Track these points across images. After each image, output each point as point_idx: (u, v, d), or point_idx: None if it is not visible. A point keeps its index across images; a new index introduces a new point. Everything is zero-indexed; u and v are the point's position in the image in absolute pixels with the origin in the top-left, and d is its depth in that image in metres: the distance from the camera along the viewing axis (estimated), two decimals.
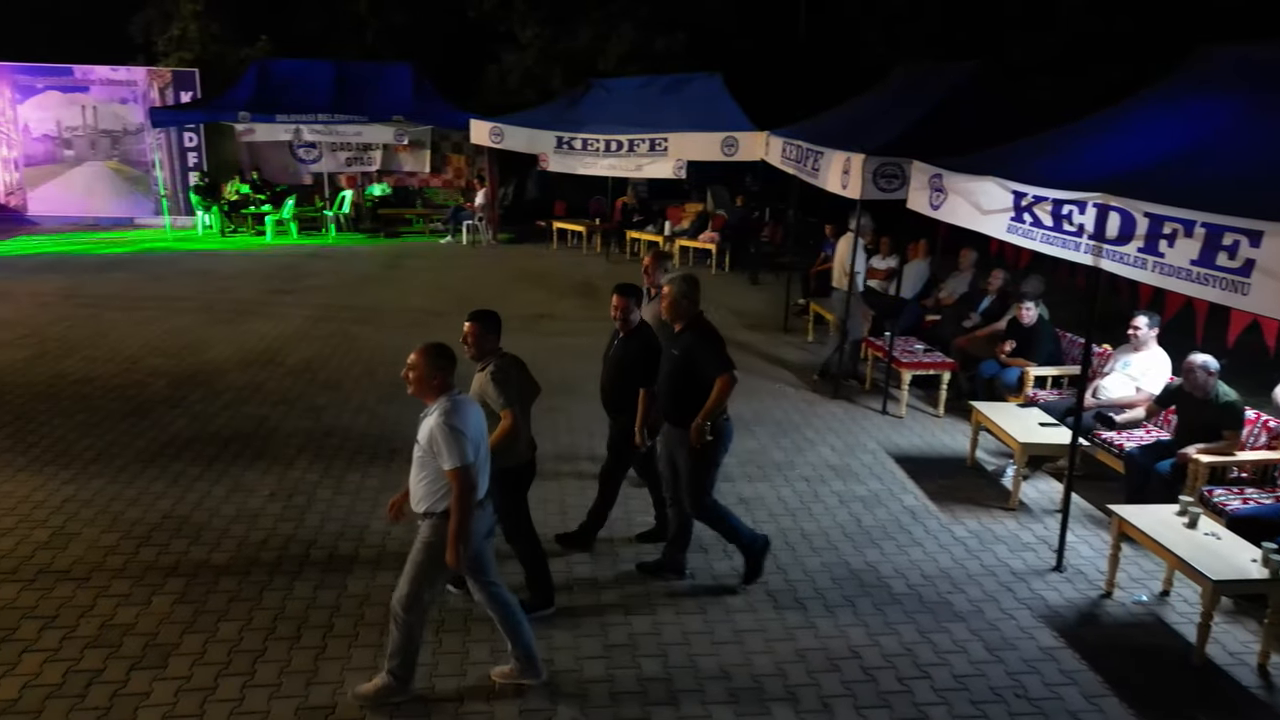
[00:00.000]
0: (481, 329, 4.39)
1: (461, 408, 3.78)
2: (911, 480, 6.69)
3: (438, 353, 3.79)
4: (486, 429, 4.02)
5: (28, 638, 4.38)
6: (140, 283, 12.25)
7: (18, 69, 16.39)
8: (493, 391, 4.32)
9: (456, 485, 3.68)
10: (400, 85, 16.70)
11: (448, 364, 3.79)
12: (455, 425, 3.67)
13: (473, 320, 4.39)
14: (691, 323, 4.99)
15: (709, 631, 4.68)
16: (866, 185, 7.70)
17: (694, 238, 15.10)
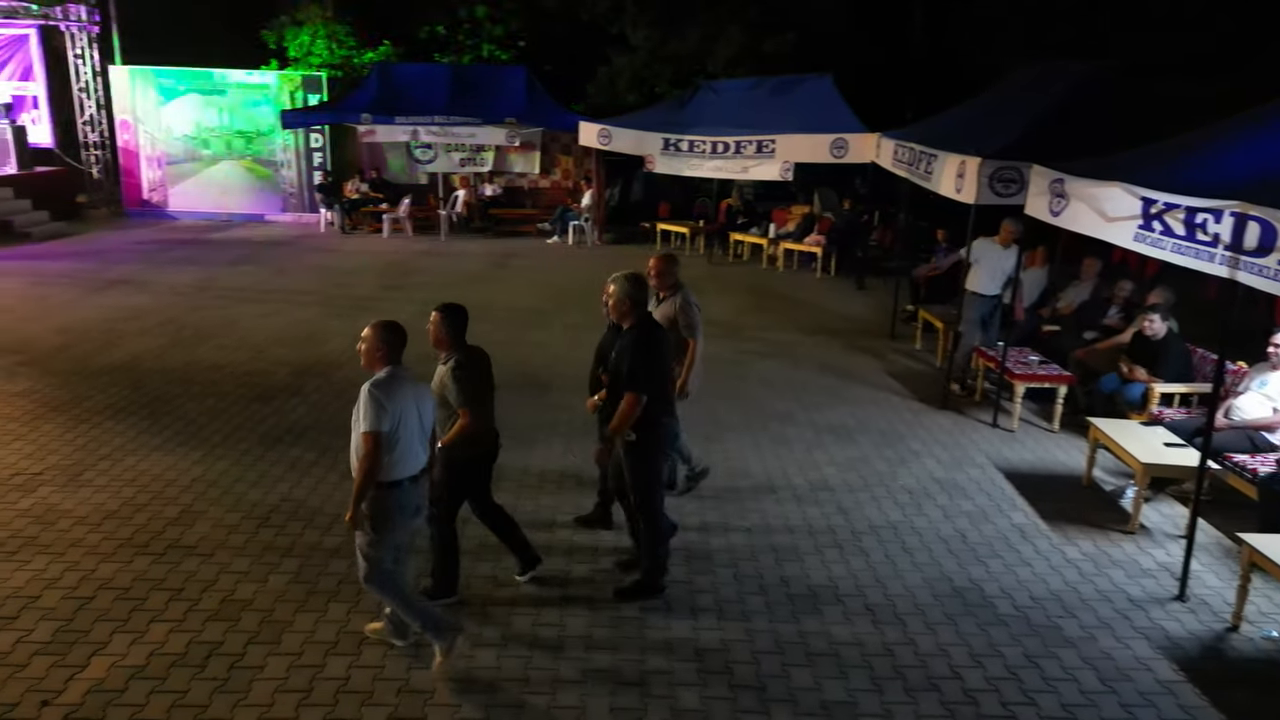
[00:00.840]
0: (444, 321, 4.48)
1: (394, 382, 3.98)
2: (1022, 497, 6.43)
3: (386, 329, 4.05)
4: (426, 414, 4.15)
5: (156, 608, 4.68)
6: (267, 276, 12.90)
7: (163, 73, 17.50)
8: (452, 388, 4.41)
9: (363, 448, 3.89)
10: (513, 88, 17.07)
11: (394, 340, 4.04)
12: (377, 394, 3.89)
13: (439, 312, 4.50)
14: (636, 323, 4.82)
15: (802, 642, 4.61)
16: (982, 189, 7.44)
17: (799, 241, 14.91)
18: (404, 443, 3.99)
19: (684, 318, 5.86)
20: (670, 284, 5.97)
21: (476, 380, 4.52)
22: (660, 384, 4.79)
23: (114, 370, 8.42)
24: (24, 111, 17.78)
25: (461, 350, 4.54)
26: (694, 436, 7.27)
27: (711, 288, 13.16)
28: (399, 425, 3.95)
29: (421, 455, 4.14)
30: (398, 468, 4.01)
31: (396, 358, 4.05)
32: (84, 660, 4.22)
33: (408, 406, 4.00)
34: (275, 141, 17.69)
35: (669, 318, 5.86)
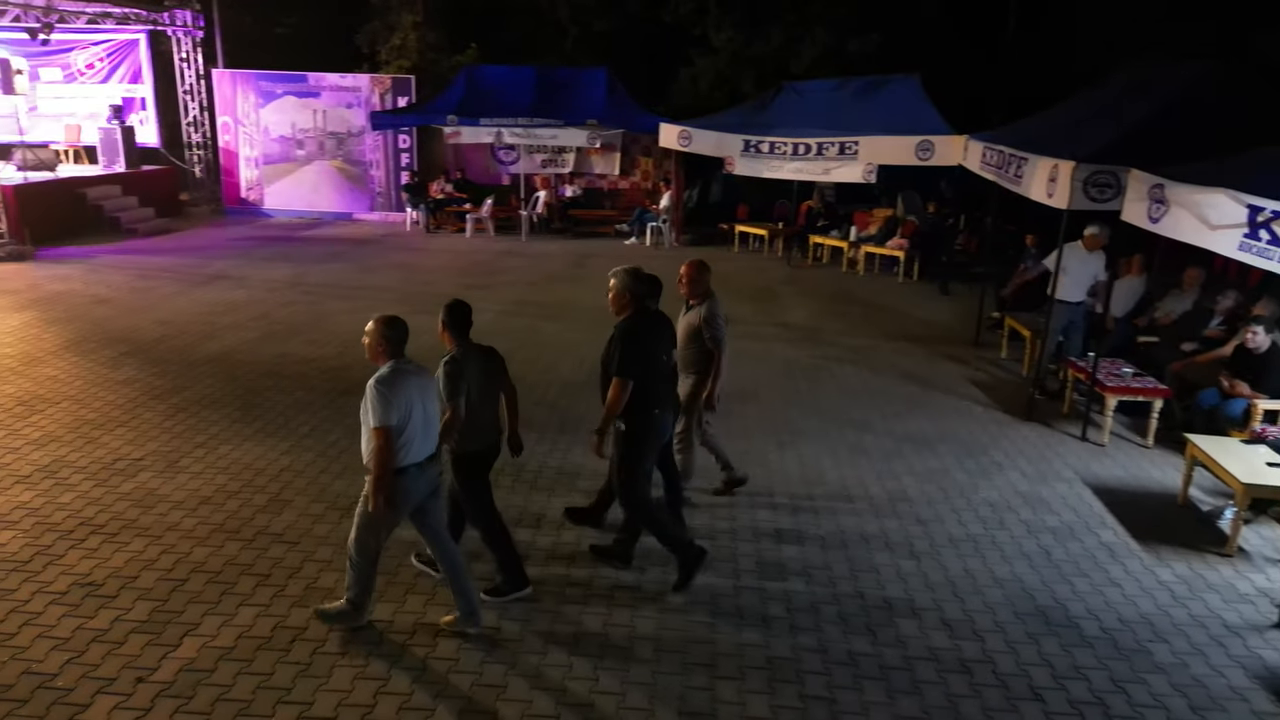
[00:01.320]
0: (445, 319, 4.66)
1: (399, 375, 4.17)
2: (1111, 514, 6.19)
3: (387, 323, 4.27)
4: (430, 404, 4.30)
5: (244, 592, 4.87)
6: (355, 273, 13.29)
7: (261, 76, 18.20)
8: (442, 382, 4.52)
9: (375, 442, 4.10)
10: (595, 89, 17.20)
11: (395, 334, 4.25)
12: (382, 389, 4.09)
13: (444, 310, 4.69)
14: (630, 314, 4.97)
15: (876, 655, 4.53)
16: (1075, 194, 7.17)
17: (881, 244, 14.65)
18: (409, 432, 4.18)
19: (708, 330, 5.73)
20: (701, 291, 5.83)
21: (474, 376, 4.61)
22: (651, 375, 4.89)
23: (210, 361, 8.80)
24: (133, 112, 18.69)
25: (461, 347, 4.64)
26: (767, 442, 7.26)
27: (789, 291, 13.06)
28: (405, 416, 4.14)
29: (428, 443, 4.30)
30: (403, 455, 4.20)
31: (398, 351, 4.26)
32: (177, 640, 4.42)
33: (412, 397, 4.18)
34: (365, 142, 18.21)
35: (694, 326, 5.78)
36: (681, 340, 5.76)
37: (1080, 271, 8.25)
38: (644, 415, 4.90)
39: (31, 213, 14.24)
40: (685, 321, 5.79)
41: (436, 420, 4.37)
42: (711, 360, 5.80)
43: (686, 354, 5.81)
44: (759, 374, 9.04)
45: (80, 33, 18.12)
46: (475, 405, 4.60)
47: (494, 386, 4.81)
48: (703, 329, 5.72)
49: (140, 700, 3.98)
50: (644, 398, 4.84)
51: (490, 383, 4.77)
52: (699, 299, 5.82)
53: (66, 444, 6.69)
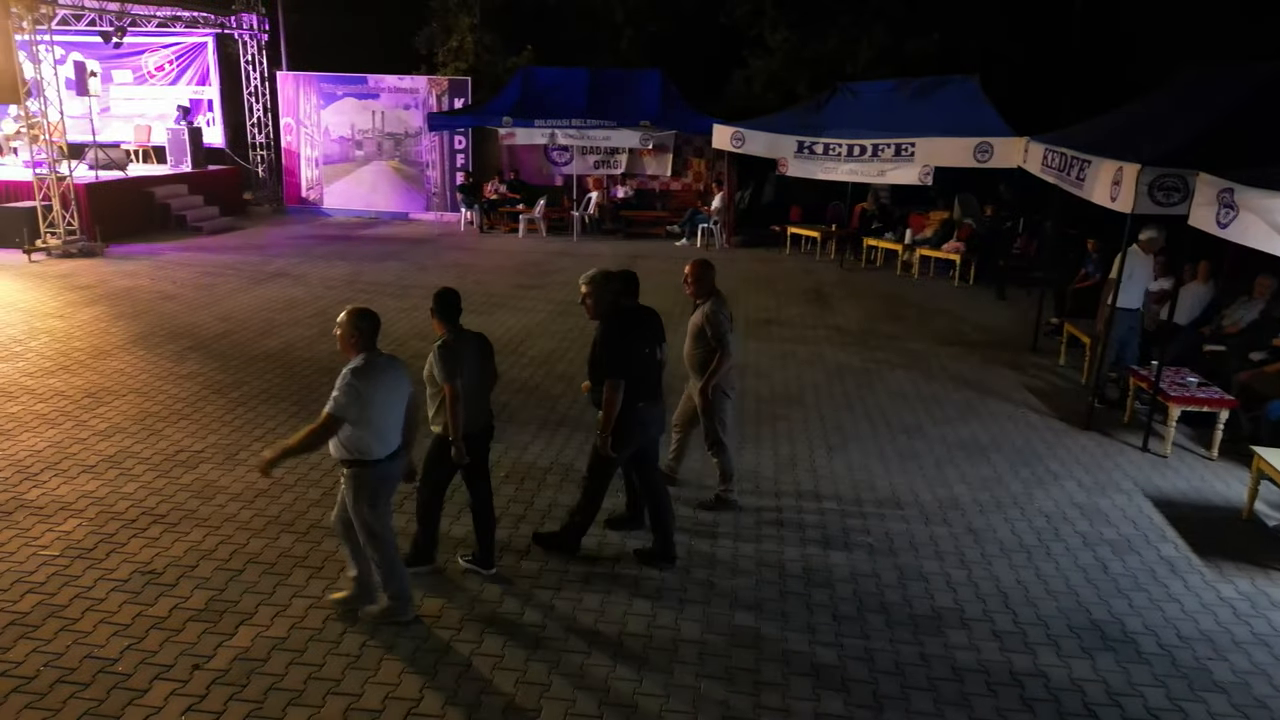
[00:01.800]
0: (435, 306, 4.80)
1: (371, 368, 4.19)
2: (1172, 528, 6.00)
3: (358, 315, 4.26)
4: (398, 396, 4.36)
5: (298, 584, 4.98)
6: (409, 272, 13.50)
7: (323, 78, 18.60)
8: (436, 365, 4.67)
9: (317, 422, 4.17)
10: (648, 91, 17.22)
11: (367, 326, 4.26)
12: (350, 379, 4.12)
13: (434, 298, 4.81)
14: (605, 317, 5.07)
15: (924, 665, 4.46)
16: (1140, 198, 6.97)
17: (936, 247, 14.41)
18: (378, 424, 4.23)
19: (711, 328, 5.69)
20: (705, 290, 5.81)
21: (469, 360, 4.75)
22: (637, 370, 4.99)
23: (269, 357, 9.01)
24: (200, 114, 19.26)
25: (453, 332, 4.79)
26: (816, 446, 7.19)
27: (841, 294, 12.92)
28: (374, 409, 4.19)
29: (396, 437, 4.38)
30: (376, 448, 4.27)
31: (370, 344, 4.28)
32: (232, 629, 4.53)
33: (382, 391, 4.24)
34: (421, 143, 18.48)
35: (698, 325, 5.78)
36: (689, 340, 5.84)
37: (1139, 277, 8.06)
38: (628, 410, 5.00)
39: (102, 210, 14.76)
40: (692, 321, 5.82)
41: (403, 415, 4.44)
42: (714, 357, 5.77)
43: (694, 354, 5.83)
44: (809, 377, 8.97)
45: (151, 36, 18.73)
46: (468, 388, 4.74)
47: (487, 371, 4.96)
48: (706, 327, 5.72)
49: (196, 687, 4.09)
50: (630, 394, 4.98)
51: (483, 367, 4.92)
52: (703, 298, 5.82)
53: (131, 435, 6.92)
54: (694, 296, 5.85)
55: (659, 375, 5.28)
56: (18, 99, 13.35)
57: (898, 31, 17.58)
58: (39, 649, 4.31)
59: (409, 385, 4.51)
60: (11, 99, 13.54)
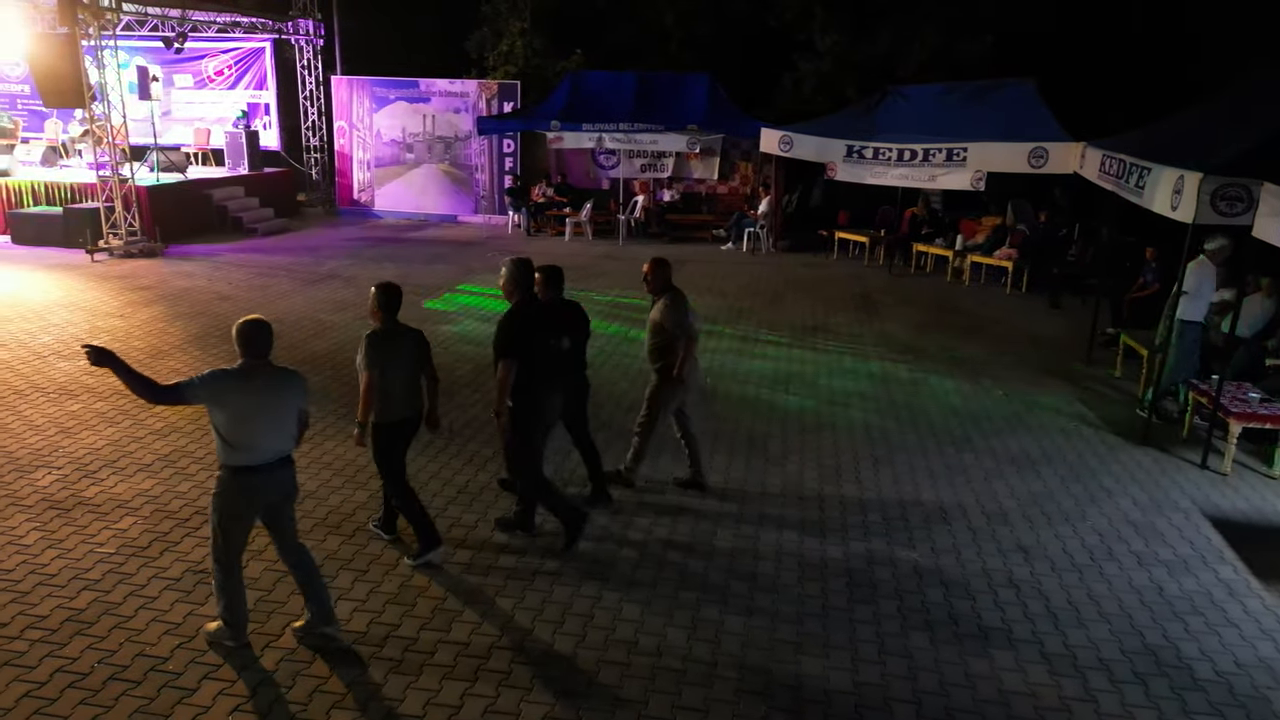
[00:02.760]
0: (377, 298, 5.06)
1: (235, 375, 4.18)
2: (1231, 549, 5.81)
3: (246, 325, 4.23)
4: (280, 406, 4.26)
5: (343, 587, 5.05)
6: (457, 275, 13.64)
7: (376, 82, 18.89)
8: (360, 352, 4.96)
9: None
10: (696, 94, 17.18)
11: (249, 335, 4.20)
12: (206, 379, 4.14)
13: (374, 289, 5.09)
14: (517, 302, 5.40)
15: (969, 686, 4.38)
16: (1202, 208, 6.77)
17: (988, 254, 14.15)
18: (247, 434, 4.17)
19: (671, 321, 5.99)
20: (661, 287, 6.11)
21: (395, 351, 5.02)
22: (535, 357, 5.29)
23: (319, 358, 9.17)
24: (257, 117, 19.69)
25: (388, 324, 5.08)
26: (861, 457, 7.10)
27: (890, 300, 12.76)
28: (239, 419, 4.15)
29: (275, 447, 4.28)
30: (244, 456, 4.19)
31: (252, 353, 4.22)
32: (279, 630, 4.61)
33: (250, 399, 4.16)
34: (471, 146, 18.67)
35: (656, 320, 6.08)
36: (647, 334, 6.19)
37: (1205, 290, 7.83)
38: (525, 394, 5.30)
39: (162, 212, 15.17)
40: (650, 317, 6.13)
41: (286, 426, 4.33)
42: (673, 353, 6.02)
43: (651, 347, 6.16)
44: (854, 386, 8.87)
45: (211, 41, 19.20)
46: (397, 379, 5.03)
47: (414, 366, 5.17)
48: (664, 323, 5.99)
49: (243, 688, 4.17)
50: (526, 378, 5.27)
51: (410, 362, 5.14)
52: (660, 294, 6.10)
53: (186, 434, 7.09)
54: (651, 292, 6.19)
55: (563, 363, 5.62)
56: (83, 103, 13.76)
57: (950, 33, 17.29)
58: (93, 645, 4.44)
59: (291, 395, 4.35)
60: (77, 103, 13.97)
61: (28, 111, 19.24)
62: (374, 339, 5.00)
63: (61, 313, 10.66)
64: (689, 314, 6.10)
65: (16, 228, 14.97)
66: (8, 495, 6.00)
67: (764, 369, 9.29)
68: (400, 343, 5.10)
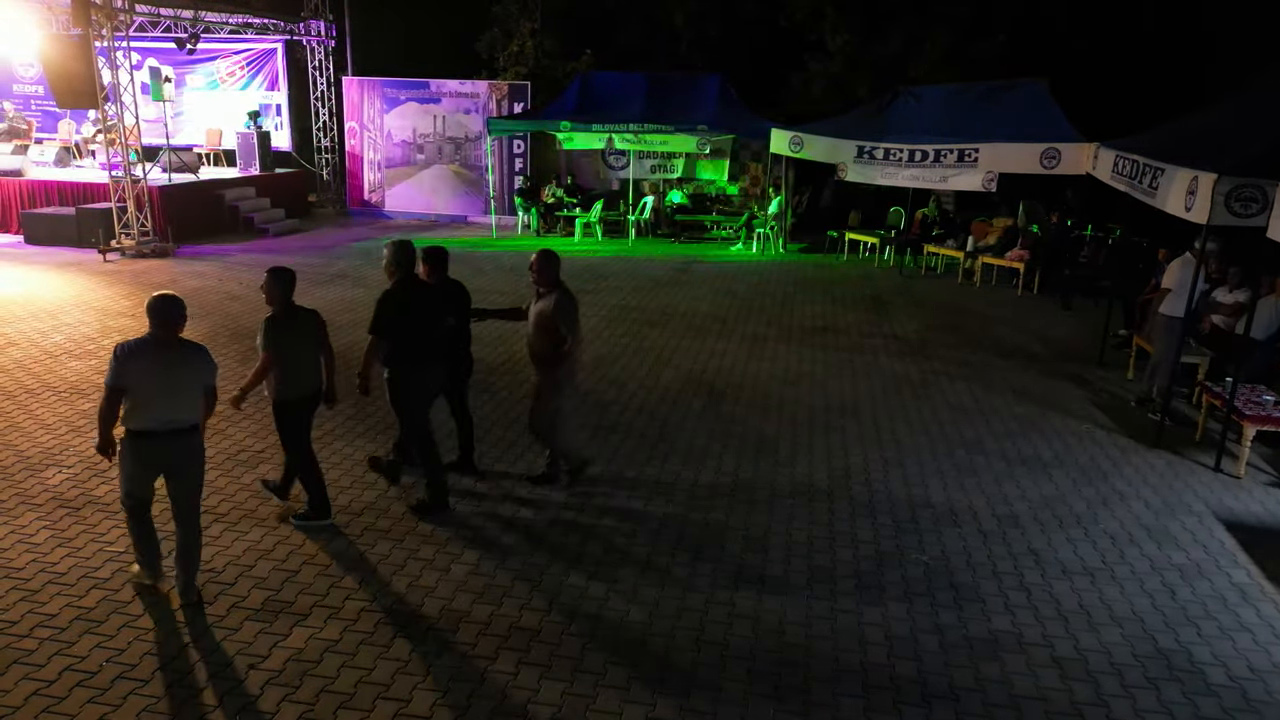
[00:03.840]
0: (272, 285, 5.32)
1: (142, 346, 4.56)
2: (1245, 553, 5.76)
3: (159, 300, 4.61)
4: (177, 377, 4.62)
5: (350, 587, 5.04)
6: (466, 275, 13.49)
7: (387, 83, 18.93)
8: (259, 334, 5.30)
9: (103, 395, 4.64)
10: (707, 95, 17.16)
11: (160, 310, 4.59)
12: (116, 352, 4.53)
13: (269, 275, 5.35)
14: (395, 281, 5.74)
15: (979, 690, 4.34)
16: (1216, 209, 6.71)
17: (1000, 255, 14.07)
18: (143, 398, 4.54)
19: (559, 316, 5.93)
20: (549, 280, 6.05)
21: (292, 333, 5.35)
22: (407, 334, 5.64)
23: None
24: (268, 118, 19.75)
25: (282, 308, 5.36)
26: (871, 458, 7.06)
27: (901, 301, 12.70)
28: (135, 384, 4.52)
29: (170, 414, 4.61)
30: (137, 419, 4.56)
31: (161, 324, 4.60)
32: (287, 630, 4.62)
33: (152, 369, 4.53)
34: (481, 147, 18.70)
35: (545, 314, 6.00)
36: (534, 329, 6.11)
37: (1188, 286, 7.87)
38: (396, 367, 5.68)
39: (174, 212, 15.24)
40: (537, 310, 6.04)
41: (191, 398, 4.72)
42: (561, 348, 5.99)
43: (536, 341, 6.11)
44: (864, 387, 8.83)
45: (223, 43, 19.29)
46: (295, 359, 5.39)
47: (311, 345, 5.51)
48: (553, 317, 5.93)
49: (250, 687, 4.17)
50: (398, 353, 5.64)
51: (309, 342, 5.48)
52: (547, 288, 6.03)
53: None
54: (538, 286, 6.10)
55: (447, 340, 5.95)
56: (96, 104, 13.84)
57: (962, 33, 17.23)
58: (102, 644, 4.45)
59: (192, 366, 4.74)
60: (90, 104, 14.05)
61: (41, 112, 19.39)
62: (272, 322, 5.30)
63: (74, 312, 10.71)
64: (574, 311, 6.05)
65: (30, 227, 15.07)
66: (19, 494, 6.03)
67: (773, 370, 9.26)
68: (299, 324, 5.43)
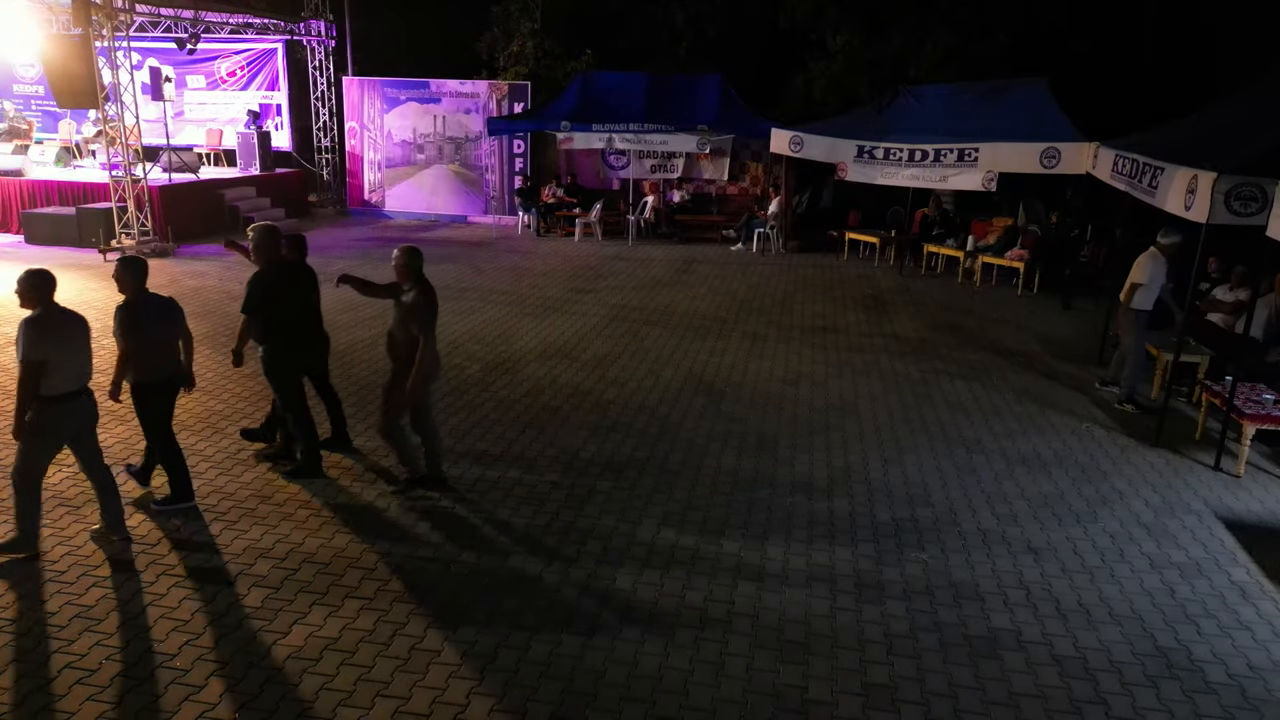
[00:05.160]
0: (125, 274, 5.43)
1: (46, 318, 4.88)
2: (1244, 551, 5.76)
3: (32, 275, 4.93)
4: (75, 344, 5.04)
5: (350, 584, 5.05)
6: (466, 275, 13.66)
7: (387, 83, 18.93)
8: (115, 324, 5.45)
9: (20, 373, 4.84)
10: (707, 95, 17.15)
11: (44, 284, 4.95)
12: (33, 328, 4.81)
13: (118, 263, 5.50)
14: (264, 267, 6.16)
15: (978, 689, 4.35)
16: (1216, 208, 6.72)
17: (1000, 254, 14.06)
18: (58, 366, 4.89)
19: (413, 314, 5.88)
20: (411, 275, 5.99)
21: (145, 323, 5.49)
22: (276, 319, 6.11)
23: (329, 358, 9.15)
24: (269, 118, 19.76)
25: (137, 296, 5.50)
26: (871, 458, 7.06)
27: (901, 301, 12.70)
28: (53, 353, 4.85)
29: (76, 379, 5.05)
30: (54, 386, 4.91)
31: (46, 299, 4.94)
32: (286, 628, 4.62)
33: (61, 337, 4.91)
34: (481, 147, 18.70)
35: (405, 309, 5.92)
36: (398, 324, 5.99)
37: (1157, 280, 8.26)
38: (269, 340, 6.13)
39: (174, 212, 15.24)
40: (403, 304, 5.96)
41: (85, 360, 5.10)
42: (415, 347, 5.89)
43: (396, 338, 6.02)
44: (864, 387, 8.83)
45: (223, 42, 19.29)
46: (152, 344, 5.55)
47: (170, 332, 5.67)
48: (410, 313, 5.88)
49: (250, 685, 4.18)
50: (266, 328, 6.09)
51: (164, 328, 5.63)
52: (410, 283, 5.96)
53: (196, 433, 7.11)
54: (400, 282, 6.03)
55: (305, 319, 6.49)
56: (96, 104, 13.84)
57: (963, 33, 17.23)
58: (101, 642, 4.45)
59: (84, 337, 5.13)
60: (90, 104, 14.05)
61: (42, 112, 19.40)
62: (126, 311, 5.47)
63: None
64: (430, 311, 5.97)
65: (31, 227, 15.07)
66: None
67: (773, 369, 9.26)
68: (154, 311, 5.59)
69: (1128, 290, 8.36)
